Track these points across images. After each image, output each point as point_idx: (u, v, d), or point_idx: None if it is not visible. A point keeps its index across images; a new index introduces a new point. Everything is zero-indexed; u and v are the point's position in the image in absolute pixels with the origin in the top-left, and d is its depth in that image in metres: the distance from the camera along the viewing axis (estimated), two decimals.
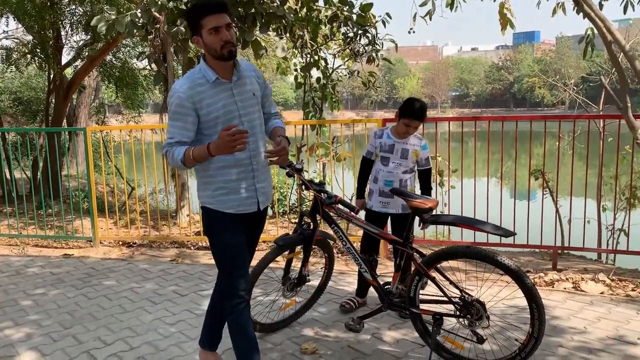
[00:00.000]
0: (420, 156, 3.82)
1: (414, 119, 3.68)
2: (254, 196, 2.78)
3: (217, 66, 2.62)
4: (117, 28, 6.29)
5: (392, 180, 3.76)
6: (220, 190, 2.72)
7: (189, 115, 2.60)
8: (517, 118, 5.58)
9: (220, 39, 2.53)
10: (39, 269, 5.29)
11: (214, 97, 2.62)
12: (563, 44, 75.45)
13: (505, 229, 2.87)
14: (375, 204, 3.84)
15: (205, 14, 2.54)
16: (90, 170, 6.23)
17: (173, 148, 2.61)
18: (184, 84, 2.61)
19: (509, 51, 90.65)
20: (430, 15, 6.07)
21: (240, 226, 2.78)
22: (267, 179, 2.87)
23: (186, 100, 2.58)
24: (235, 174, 2.71)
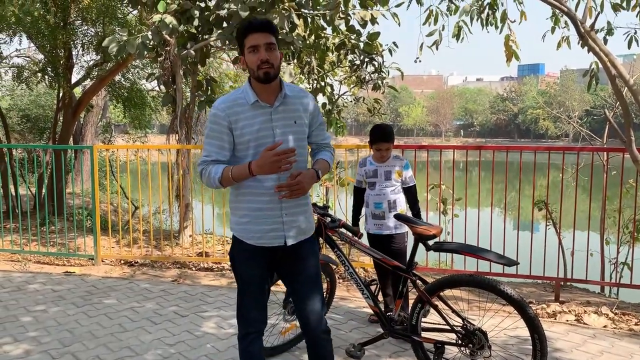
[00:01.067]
0: (403, 175, 4.10)
1: (380, 142, 4.01)
2: (279, 229, 2.57)
3: (259, 88, 2.53)
4: (128, 49, 6.39)
5: (380, 202, 4.04)
6: (245, 218, 2.59)
7: (225, 135, 2.53)
8: (521, 148, 5.62)
9: (258, 58, 2.43)
10: (40, 286, 5.29)
11: (251, 119, 2.52)
12: (567, 77, 76.02)
13: (508, 258, 2.87)
14: (371, 227, 4.09)
15: (247, 33, 2.46)
16: (96, 189, 6.26)
17: (209, 167, 2.54)
18: (222, 102, 2.56)
19: (513, 82, 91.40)
20: (436, 45, 6.17)
21: (261, 260, 2.62)
22: (303, 212, 2.64)
23: (222, 119, 2.51)
24: (260, 203, 2.55)
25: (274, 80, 2.50)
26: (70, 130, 10.37)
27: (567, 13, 4.56)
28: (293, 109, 2.59)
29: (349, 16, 7.03)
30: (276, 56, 2.48)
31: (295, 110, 2.59)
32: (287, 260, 2.64)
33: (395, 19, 7.12)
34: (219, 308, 4.62)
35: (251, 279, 2.63)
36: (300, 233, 2.63)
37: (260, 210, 2.55)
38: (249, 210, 2.57)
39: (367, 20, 6.99)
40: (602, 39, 5.89)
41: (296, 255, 2.65)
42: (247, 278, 2.64)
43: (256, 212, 2.56)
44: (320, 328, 2.66)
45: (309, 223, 2.68)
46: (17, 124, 16.56)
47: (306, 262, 2.68)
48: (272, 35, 2.48)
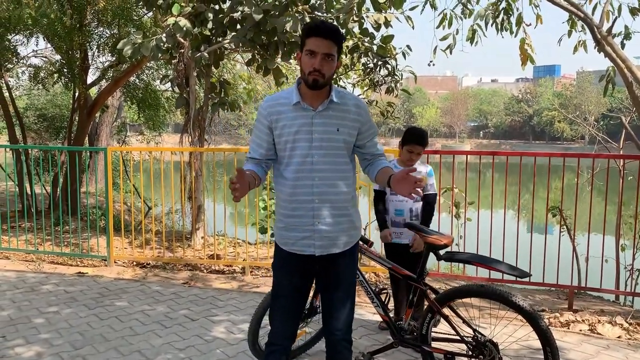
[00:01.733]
0: (426, 181, 3.94)
1: (415, 144, 3.84)
2: (310, 237, 2.51)
3: (305, 91, 2.49)
4: (143, 52, 6.43)
5: (402, 209, 3.90)
6: (280, 224, 2.59)
7: (264, 133, 2.55)
8: (535, 154, 5.56)
9: (312, 64, 2.39)
10: (53, 287, 5.34)
11: (291, 120, 2.49)
12: (584, 79, 75.13)
13: (520, 269, 2.84)
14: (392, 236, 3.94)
15: (310, 34, 2.42)
16: (109, 191, 6.30)
17: (245, 163, 2.60)
18: (267, 101, 2.58)
19: (529, 84, 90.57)
20: (450, 50, 6.13)
21: (295, 268, 2.57)
22: (338, 224, 2.53)
23: (264, 117, 2.53)
24: (291, 209, 2.52)
25: (322, 88, 2.47)
26: (86, 131, 10.47)
27: (584, 19, 4.51)
28: (338, 115, 2.51)
29: (362, 19, 7.00)
30: (331, 67, 2.44)
31: (340, 118, 2.52)
32: (321, 270, 2.59)
33: (409, 22, 7.08)
34: (230, 312, 4.62)
35: (282, 287, 2.61)
36: (332, 245, 2.53)
37: (292, 217, 2.52)
38: (283, 216, 2.57)
39: (381, 23, 6.95)
40: (619, 44, 5.82)
41: (330, 268, 2.58)
42: (278, 285, 2.62)
43: (289, 219, 2.54)
44: (343, 337, 2.62)
45: (348, 234, 2.58)
46: (34, 123, 16.76)
47: (340, 276, 2.61)
48: (335, 45, 2.43)
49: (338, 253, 2.57)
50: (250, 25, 6.55)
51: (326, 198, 2.50)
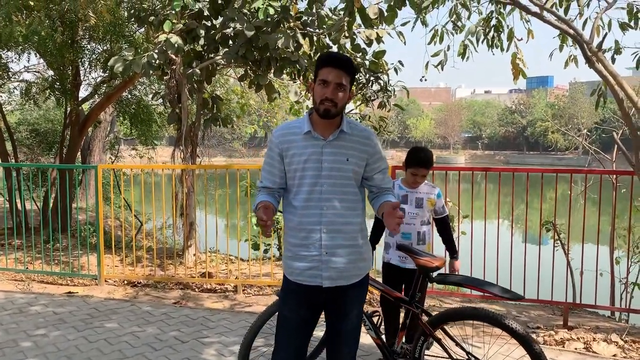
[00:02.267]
0: (436, 204, 3.74)
1: (420, 167, 3.64)
2: (317, 268, 2.47)
3: (316, 121, 2.51)
4: (134, 68, 6.41)
5: (409, 232, 3.64)
6: (287, 253, 2.57)
7: (275, 162, 2.55)
8: (528, 170, 5.54)
9: (323, 94, 2.42)
10: (41, 308, 5.25)
11: (301, 149, 2.50)
12: (576, 90, 75.70)
13: (513, 292, 2.80)
14: (394, 258, 3.71)
15: (324, 65, 2.45)
16: (99, 209, 6.24)
17: (258, 193, 2.59)
18: (280, 129, 2.60)
19: (522, 95, 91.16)
20: (442, 66, 6.13)
21: (302, 300, 2.52)
22: (346, 253, 2.50)
23: (276, 146, 2.55)
24: (299, 239, 2.50)
25: (334, 118, 2.48)
26: (77, 147, 10.41)
27: (574, 36, 4.51)
28: (348, 146, 2.52)
29: (354, 35, 7.01)
30: (343, 97, 2.46)
31: (350, 148, 2.53)
32: (329, 302, 2.54)
33: (401, 38, 7.10)
34: (221, 334, 4.55)
35: (287, 320, 2.55)
36: (340, 277, 2.49)
37: (300, 247, 2.50)
38: (291, 245, 2.55)
39: (373, 39, 6.97)
40: (609, 58, 5.84)
41: (339, 300, 2.54)
42: (284, 318, 2.57)
43: (296, 248, 2.52)
44: None
45: (356, 266, 2.54)
46: (26, 138, 16.66)
47: (348, 309, 2.56)
48: (348, 75, 2.46)
49: (349, 286, 2.53)
50: (243, 41, 6.54)
51: (334, 228, 2.48)
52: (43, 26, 6.86)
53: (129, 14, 7.31)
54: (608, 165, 8.77)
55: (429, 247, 3.68)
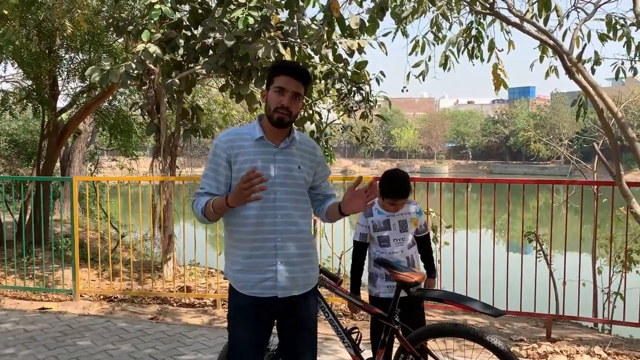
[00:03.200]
0: (419, 223, 3.39)
1: (398, 198, 3.24)
2: (272, 279, 2.39)
3: (268, 128, 2.47)
4: (111, 78, 6.29)
5: (399, 260, 3.24)
6: (237, 266, 2.45)
7: (222, 168, 2.45)
8: (510, 181, 5.51)
9: (279, 101, 2.39)
10: (12, 325, 5.07)
11: (252, 155, 2.43)
12: (558, 100, 76.75)
13: (494, 308, 2.73)
14: (382, 290, 3.30)
15: (280, 73, 2.43)
16: (75, 221, 6.08)
17: (199, 198, 2.46)
18: (226, 135, 2.51)
19: (504, 105, 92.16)
20: (423, 76, 6.10)
21: (255, 313, 2.42)
22: (301, 262, 2.46)
23: (223, 151, 2.46)
24: (252, 249, 2.41)
25: (287, 127, 2.46)
26: (55, 158, 10.21)
27: (554, 46, 4.51)
28: (298, 154, 2.53)
29: (335, 45, 6.97)
30: (298, 107, 2.46)
31: (300, 157, 2.53)
32: (283, 314, 2.49)
33: (382, 48, 7.07)
34: (197, 351, 4.42)
35: (240, 340, 2.44)
36: (295, 286, 2.45)
37: (252, 258, 2.42)
38: (241, 258, 2.44)
39: (354, 49, 6.94)
40: (589, 69, 5.86)
41: (294, 311, 2.49)
42: (236, 339, 2.46)
43: (249, 260, 2.42)
44: None
45: (308, 275, 2.52)
46: (4, 149, 16.37)
47: (304, 319, 2.52)
48: (304, 86, 2.45)
49: (300, 295, 2.49)
50: (223, 51, 6.46)
51: (289, 236, 2.44)
52: (18, 35, 6.70)
53: (107, 24, 7.19)
54: (589, 175, 8.81)
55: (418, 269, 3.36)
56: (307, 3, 5.36)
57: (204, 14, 6.92)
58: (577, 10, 5.65)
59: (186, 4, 6.96)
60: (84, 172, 15.19)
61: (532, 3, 5.27)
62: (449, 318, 5.61)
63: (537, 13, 5.29)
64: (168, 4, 6.16)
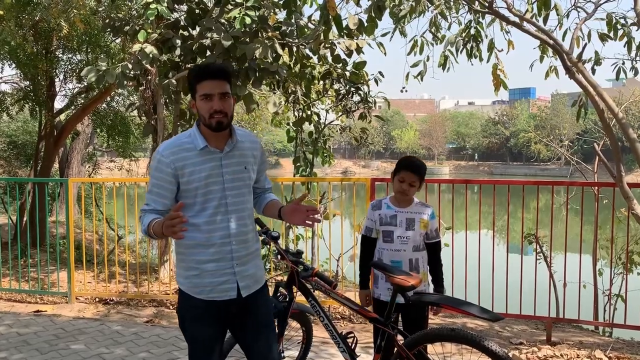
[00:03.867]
0: (429, 227, 3.24)
1: (407, 171, 3.15)
2: (231, 280, 2.44)
3: (208, 134, 2.44)
4: (107, 79, 6.24)
5: (400, 260, 3.15)
6: (192, 272, 2.45)
7: (167, 183, 2.42)
8: (509, 182, 5.44)
9: (211, 107, 2.36)
10: (5, 329, 5.01)
11: (199, 165, 2.41)
12: (558, 101, 76.65)
13: (492, 312, 2.67)
14: (382, 292, 3.20)
15: (200, 79, 2.38)
16: (70, 223, 6.02)
17: (144, 216, 2.41)
18: (167, 147, 2.44)
19: (505, 106, 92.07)
20: (422, 76, 6.05)
21: (214, 317, 2.46)
22: (255, 261, 2.55)
23: (167, 166, 2.40)
24: (208, 254, 2.42)
25: (227, 129, 2.43)
26: (53, 159, 10.16)
27: (553, 46, 4.45)
28: (243, 154, 2.53)
29: (334, 45, 6.92)
30: (230, 105, 2.41)
31: (245, 156, 2.54)
32: (239, 312, 2.51)
33: (381, 49, 7.01)
34: None
35: (202, 339, 2.47)
36: (254, 282, 2.53)
37: (209, 262, 2.43)
38: (196, 263, 2.44)
39: (353, 49, 6.88)
40: (589, 69, 5.80)
41: (249, 306, 2.53)
42: (198, 338, 2.47)
43: (205, 265, 2.43)
44: None
45: (260, 271, 2.59)
46: (4, 150, 16.33)
47: (258, 310, 2.57)
48: (227, 82, 2.40)
49: (258, 290, 2.55)
50: (220, 51, 6.40)
51: (242, 238, 2.50)
52: (13, 36, 6.65)
53: (104, 24, 7.14)
54: (590, 176, 8.75)
55: (424, 276, 3.20)
56: (304, 2, 5.31)
57: (201, 14, 6.86)
58: (577, 9, 5.59)
59: (183, 3, 6.90)
60: (83, 173, 15.14)
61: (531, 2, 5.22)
62: (449, 321, 5.55)
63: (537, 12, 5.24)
64: (164, 4, 6.10)
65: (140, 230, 2.48)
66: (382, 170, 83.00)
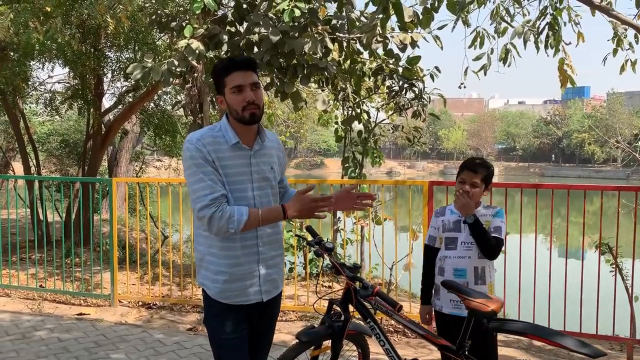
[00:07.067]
0: (491, 225, 2.97)
1: (467, 171, 3.00)
2: (256, 284, 2.37)
3: (239, 129, 2.36)
4: (153, 76, 6.06)
5: (464, 268, 2.92)
6: (221, 276, 2.33)
7: (213, 168, 2.28)
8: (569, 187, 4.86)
9: (244, 99, 2.28)
10: (46, 333, 4.86)
11: (230, 160, 2.33)
12: (614, 100, 73.43)
13: (592, 347, 2.23)
14: (445, 305, 2.96)
15: (229, 71, 2.31)
16: (114, 224, 5.87)
17: (225, 207, 2.21)
18: (202, 138, 2.30)
19: (557, 106, 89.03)
20: (485, 71, 5.60)
21: (240, 319, 2.39)
22: (277, 263, 2.46)
23: (207, 154, 2.26)
24: (238, 257, 2.33)
25: (259, 121, 2.33)
26: (100, 158, 10.16)
27: None
28: (270, 154, 2.47)
29: (387, 39, 6.53)
30: (261, 96, 2.34)
31: (271, 156, 2.48)
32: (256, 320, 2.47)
33: (438, 42, 6.56)
34: None
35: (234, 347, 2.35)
36: (274, 287, 2.47)
37: (239, 265, 2.33)
38: (227, 267, 2.30)
39: (407, 43, 6.47)
40: None
41: (264, 314, 2.49)
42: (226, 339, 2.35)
43: (235, 268, 2.30)
44: None
45: (281, 276, 2.52)
46: (56, 149, 16.67)
47: (270, 323, 2.55)
48: (255, 73, 2.35)
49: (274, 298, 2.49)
50: (268, 47, 6.12)
51: (269, 239, 2.42)
52: (60, 33, 6.55)
53: (151, 20, 6.98)
54: None
55: (491, 288, 2.94)
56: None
57: (249, 9, 6.61)
58: None
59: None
60: (131, 172, 15.26)
61: None
62: (510, 337, 5.05)
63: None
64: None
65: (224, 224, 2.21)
66: (428, 171, 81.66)
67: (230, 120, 2.37)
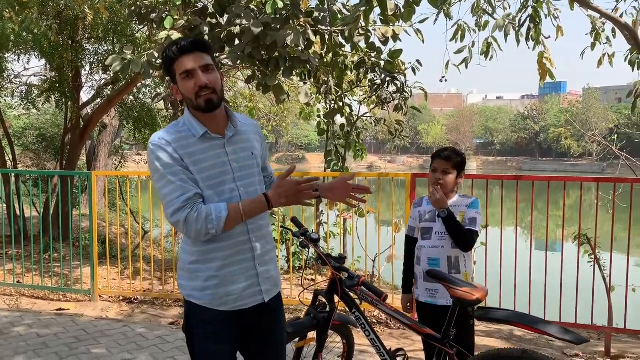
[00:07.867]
0: (465, 216, 2.98)
1: (437, 159, 3.02)
2: (255, 284, 2.14)
3: (203, 118, 2.11)
4: (133, 68, 5.96)
5: (437, 257, 2.95)
6: (213, 281, 2.09)
7: (183, 167, 2.05)
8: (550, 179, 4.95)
9: (195, 85, 2.03)
10: (25, 329, 4.77)
11: (201, 154, 2.09)
12: (590, 96, 74.63)
13: (575, 333, 2.27)
14: (422, 293, 3.01)
15: (175, 58, 2.05)
16: (93, 218, 5.79)
17: (197, 207, 2.00)
18: (166, 135, 2.08)
19: (534, 101, 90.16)
20: (466, 64, 5.63)
21: (232, 329, 2.14)
22: (272, 259, 2.22)
23: (173, 152, 2.04)
24: (229, 256, 2.08)
25: (219, 107, 2.08)
26: (79, 152, 9.99)
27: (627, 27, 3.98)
28: (247, 138, 2.23)
29: (369, 32, 6.53)
30: (216, 78, 2.08)
31: (249, 141, 2.23)
32: (256, 324, 2.20)
33: (419, 36, 6.59)
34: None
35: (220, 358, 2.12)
36: (273, 285, 2.24)
37: (230, 266, 2.08)
38: (216, 270, 2.08)
39: (389, 36, 6.48)
40: None
41: (267, 314, 2.22)
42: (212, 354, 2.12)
43: (225, 270, 2.08)
44: None
45: (278, 273, 2.31)
46: (33, 143, 16.36)
47: (277, 321, 2.27)
48: (207, 54, 2.09)
49: (276, 296, 2.26)
50: (249, 39, 6.07)
51: (260, 234, 2.19)
52: (37, 24, 6.42)
53: (130, 11, 6.87)
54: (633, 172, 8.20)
55: (466, 277, 2.94)
56: None
57: (230, 1, 6.54)
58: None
59: None
60: (110, 166, 15.05)
61: None
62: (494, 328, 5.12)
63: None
64: None
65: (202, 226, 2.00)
66: (408, 166, 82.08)
67: (191, 110, 2.13)
